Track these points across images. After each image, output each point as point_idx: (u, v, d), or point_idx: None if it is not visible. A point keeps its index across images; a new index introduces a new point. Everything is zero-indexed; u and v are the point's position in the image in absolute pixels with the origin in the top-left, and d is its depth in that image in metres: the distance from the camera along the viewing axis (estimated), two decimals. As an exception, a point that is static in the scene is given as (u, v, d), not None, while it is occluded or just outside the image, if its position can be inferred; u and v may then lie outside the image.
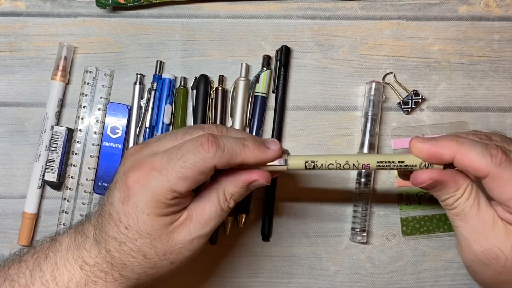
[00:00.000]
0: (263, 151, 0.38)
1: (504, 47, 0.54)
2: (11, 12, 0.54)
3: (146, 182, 0.36)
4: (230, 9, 0.54)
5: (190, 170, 0.35)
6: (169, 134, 0.39)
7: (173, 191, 0.36)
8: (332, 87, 0.54)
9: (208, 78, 0.53)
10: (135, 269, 0.38)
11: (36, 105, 0.53)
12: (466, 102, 0.54)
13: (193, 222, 0.38)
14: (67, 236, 0.40)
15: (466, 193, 0.37)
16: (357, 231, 0.51)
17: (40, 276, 0.38)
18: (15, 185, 0.53)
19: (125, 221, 0.36)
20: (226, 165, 0.37)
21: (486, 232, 0.36)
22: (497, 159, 0.35)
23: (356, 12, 0.54)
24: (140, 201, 0.36)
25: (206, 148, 0.35)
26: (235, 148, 0.37)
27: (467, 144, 0.36)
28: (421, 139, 0.37)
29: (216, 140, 0.36)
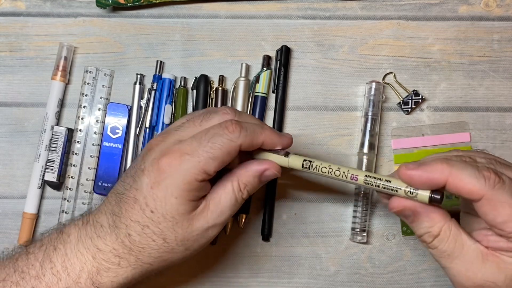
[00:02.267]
0: (279, 135, 0.41)
1: (504, 47, 0.54)
2: (11, 12, 0.54)
3: (179, 165, 0.38)
4: (230, 9, 0.54)
5: (219, 150, 0.38)
6: (186, 122, 0.41)
7: (203, 172, 0.38)
8: (332, 87, 0.54)
9: (208, 78, 0.53)
10: (152, 253, 0.39)
11: (36, 105, 0.53)
12: (466, 102, 0.54)
13: (210, 210, 0.39)
14: (74, 227, 0.41)
15: (443, 233, 0.36)
16: (357, 231, 0.51)
17: (50, 267, 0.39)
18: (15, 185, 0.53)
19: (152, 204, 0.38)
20: (250, 145, 0.39)
21: (476, 270, 0.35)
22: (490, 181, 0.34)
23: (356, 12, 0.54)
24: (171, 184, 0.38)
25: (231, 129, 0.38)
26: (256, 129, 0.40)
27: (459, 166, 0.35)
28: (410, 166, 0.36)
29: (239, 122, 0.39)
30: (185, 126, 0.41)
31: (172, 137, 0.40)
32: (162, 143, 0.40)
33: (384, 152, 0.53)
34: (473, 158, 0.37)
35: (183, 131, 0.40)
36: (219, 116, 0.41)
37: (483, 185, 0.34)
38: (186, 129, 0.40)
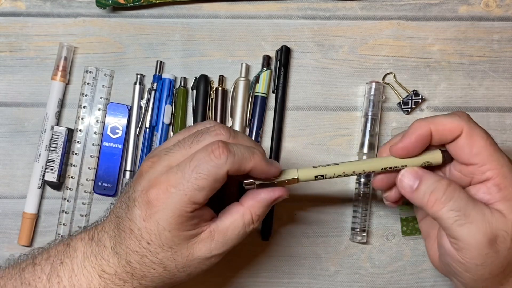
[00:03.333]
0: (268, 163, 0.39)
1: (504, 47, 0.54)
2: (11, 12, 0.54)
3: (166, 199, 0.36)
4: (230, 9, 0.54)
5: (205, 180, 0.36)
6: (177, 145, 0.39)
7: (192, 203, 0.36)
8: (332, 87, 0.54)
9: (208, 78, 0.53)
10: (155, 279, 0.39)
11: (36, 105, 0.53)
12: (466, 102, 0.54)
13: (215, 240, 0.39)
14: (81, 242, 0.40)
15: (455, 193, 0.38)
16: (357, 231, 0.51)
17: (57, 282, 0.39)
18: (15, 185, 0.53)
19: (147, 237, 0.37)
20: (238, 171, 0.37)
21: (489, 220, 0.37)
22: (464, 117, 0.39)
23: (356, 12, 0.54)
24: (161, 219, 0.37)
25: (218, 154, 0.36)
26: (246, 154, 0.38)
27: (434, 117, 0.39)
28: (395, 143, 0.40)
29: (227, 146, 0.37)
30: (175, 149, 0.39)
31: (161, 162, 0.38)
32: (151, 170, 0.38)
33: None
34: None
35: (172, 155, 0.38)
36: (211, 137, 0.38)
37: (460, 121, 0.39)
38: (176, 153, 0.38)
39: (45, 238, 0.52)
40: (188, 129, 0.42)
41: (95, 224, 0.41)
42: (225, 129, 0.39)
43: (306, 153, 0.53)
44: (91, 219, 0.53)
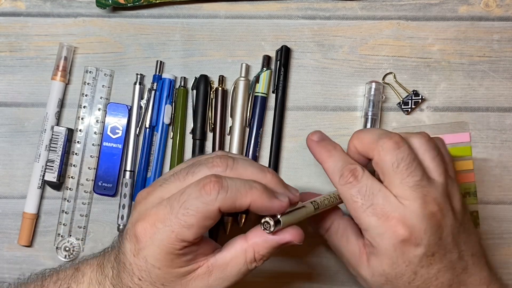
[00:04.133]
0: (271, 198, 0.36)
1: (504, 47, 0.54)
2: (11, 12, 0.54)
3: (152, 235, 0.35)
4: (230, 9, 0.54)
5: (193, 216, 0.34)
6: (173, 176, 0.37)
7: (180, 241, 0.34)
8: (332, 87, 0.54)
9: (208, 78, 0.53)
10: None
11: (36, 105, 0.53)
12: (466, 102, 0.54)
13: (213, 277, 0.36)
14: (89, 267, 0.40)
15: (332, 228, 0.44)
16: (357, 231, 0.51)
17: None
18: (15, 185, 0.53)
19: (138, 273, 0.36)
20: (231, 208, 0.35)
21: (354, 262, 0.42)
22: (343, 179, 0.40)
23: (356, 12, 0.54)
24: (149, 256, 0.35)
25: (208, 190, 0.34)
26: (241, 189, 0.35)
27: (332, 159, 0.42)
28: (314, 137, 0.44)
29: (219, 180, 0.34)
30: (170, 180, 0.37)
31: (155, 194, 0.37)
32: (144, 202, 0.37)
33: (384, 152, 0.53)
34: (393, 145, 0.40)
35: (166, 186, 0.37)
36: (207, 168, 0.36)
37: (337, 181, 0.41)
38: (170, 184, 0.37)
39: (45, 238, 0.52)
40: (192, 159, 0.40)
41: (106, 250, 0.41)
42: (223, 160, 0.37)
43: (306, 153, 0.53)
44: (91, 219, 0.53)
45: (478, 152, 0.53)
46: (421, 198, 0.38)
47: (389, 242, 0.38)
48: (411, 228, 0.38)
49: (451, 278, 0.40)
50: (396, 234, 0.38)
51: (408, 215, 0.38)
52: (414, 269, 0.39)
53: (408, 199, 0.38)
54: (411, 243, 0.38)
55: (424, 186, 0.39)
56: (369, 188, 0.39)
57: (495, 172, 0.53)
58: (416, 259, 0.39)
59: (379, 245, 0.39)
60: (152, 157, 0.52)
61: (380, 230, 0.39)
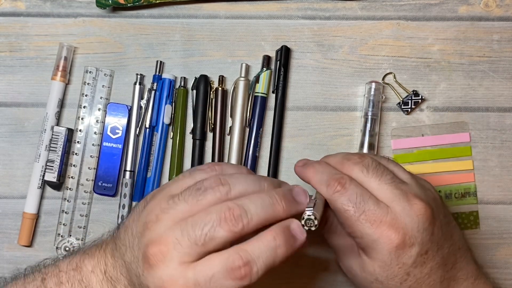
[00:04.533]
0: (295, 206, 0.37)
1: (504, 47, 0.54)
2: (11, 12, 0.54)
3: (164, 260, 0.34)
4: (230, 9, 0.54)
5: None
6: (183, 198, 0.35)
7: None
8: (332, 87, 0.54)
9: (208, 78, 0.53)
10: None
11: (36, 105, 0.53)
12: (466, 102, 0.54)
13: None
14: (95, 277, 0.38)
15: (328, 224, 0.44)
16: (357, 231, 0.51)
17: None
18: (15, 185, 0.53)
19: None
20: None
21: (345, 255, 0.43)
22: (331, 188, 0.39)
23: (356, 12, 0.54)
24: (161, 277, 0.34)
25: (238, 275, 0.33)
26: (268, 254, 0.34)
27: (318, 173, 0.41)
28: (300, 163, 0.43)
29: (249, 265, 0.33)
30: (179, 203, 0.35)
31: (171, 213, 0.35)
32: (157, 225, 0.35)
33: (384, 152, 0.53)
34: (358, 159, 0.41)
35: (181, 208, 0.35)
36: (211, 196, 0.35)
37: (325, 192, 0.40)
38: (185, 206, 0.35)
39: (45, 238, 0.52)
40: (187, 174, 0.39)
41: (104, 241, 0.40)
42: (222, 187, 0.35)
43: (306, 153, 0.53)
44: (91, 219, 0.53)
45: (478, 152, 0.53)
46: (404, 196, 0.39)
47: (384, 247, 0.38)
48: (404, 229, 0.38)
49: (442, 275, 0.40)
50: (391, 239, 0.38)
51: (398, 216, 0.38)
52: (407, 270, 0.39)
53: (393, 200, 0.38)
54: (405, 245, 0.38)
55: (399, 183, 0.40)
56: (359, 195, 0.39)
57: (495, 172, 0.53)
58: (411, 260, 0.38)
59: (374, 250, 0.39)
60: (152, 157, 0.52)
61: (374, 237, 0.38)
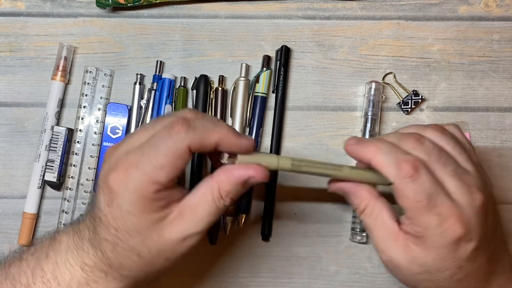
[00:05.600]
0: (238, 136, 0.37)
1: (504, 47, 0.54)
2: (11, 12, 0.54)
3: (126, 181, 0.35)
4: (230, 9, 0.54)
5: (164, 156, 0.35)
6: (141, 128, 0.38)
7: (154, 183, 0.35)
8: (332, 87, 0.54)
9: (208, 78, 0.53)
10: (132, 268, 0.37)
11: (36, 105, 0.53)
12: (466, 102, 0.54)
13: (185, 219, 0.36)
14: (65, 235, 0.40)
15: (368, 209, 0.40)
16: (357, 231, 0.51)
17: (41, 276, 0.38)
18: (15, 185, 0.53)
19: (113, 223, 0.36)
20: (201, 145, 0.36)
21: (388, 245, 0.39)
22: (402, 172, 0.37)
23: (356, 12, 0.54)
24: (124, 202, 0.35)
25: (177, 129, 0.35)
26: (208, 127, 0.36)
27: (382, 151, 0.38)
28: (351, 141, 0.40)
29: (187, 120, 0.36)
30: (139, 132, 0.38)
31: (123, 146, 0.37)
32: (114, 153, 0.37)
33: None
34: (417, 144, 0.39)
35: (134, 138, 0.37)
36: (174, 117, 0.37)
37: (394, 174, 0.37)
38: (137, 136, 0.37)
39: (45, 238, 0.52)
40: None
41: (80, 217, 0.41)
42: (189, 110, 0.38)
43: (306, 153, 0.53)
44: (91, 219, 0.53)
45: (478, 152, 0.53)
46: (467, 188, 0.37)
47: (445, 240, 0.37)
48: (467, 224, 0.36)
49: (487, 269, 0.39)
50: (456, 233, 0.36)
51: (463, 210, 0.37)
52: (460, 264, 0.37)
53: (457, 193, 0.37)
54: (465, 239, 0.37)
55: (462, 174, 0.38)
56: (432, 185, 0.37)
57: (495, 172, 0.53)
58: (466, 254, 0.37)
59: (433, 242, 0.37)
60: (152, 157, 0.52)
61: (440, 230, 0.37)
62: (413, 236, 0.38)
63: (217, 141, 0.36)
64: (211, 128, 0.36)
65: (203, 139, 0.36)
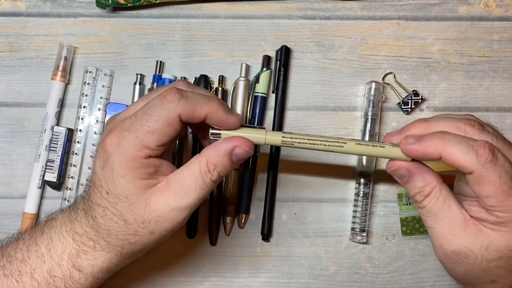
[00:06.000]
0: (227, 111, 0.38)
1: (504, 47, 0.54)
2: (11, 12, 0.54)
3: (118, 143, 0.37)
4: (230, 9, 0.54)
5: (156, 122, 0.36)
6: (139, 98, 0.41)
7: (144, 147, 0.36)
8: (332, 87, 0.54)
9: (208, 78, 0.53)
10: (118, 235, 0.39)
11: (36, 105, 0.53)
12: (466, 102, 0.54)
13: (172, 191, 0.38)
14: (61, 213, 0.42)
15: (434, 193, 0.38)
16: (357, 231, 0.51)
17: (36, 250, 0.40)
18: (15, 185, 0.53)
19: (105, 186, 0.38)
20: (190, 115, 0.37)
21: (456, 233, 0.37)
22: (482, 158, 0.35)
23: (356, 12, 0.54)
24: (115, 163, 0.37)
25: (170, 98, 0.36)
26: (200, 99, 0.37)
27: (452, 142, 0.36)
28: (410, 140, 0.38)
29: (180, 90, 0.37)
30: (137, 102, 0.40)
31: (121, 114, 0.40)
32: (112, 121, 0.40)
33: (384, 152, 0.53)
34: (482, 125, 0.38)
35: (132, 107, 0.40)
36: (168, 87, 0.39)
37: (474, 161, 0.35)
38: (135, 105, 0.40)
39: (45, 238, 0.52)
40: None
41: (77, 197, 0.43)
42: (184, 81, 0.40)
43: (305, 153, 0.53)
44: (91, 219, 0.53)
45: (478, 152, 0.53)
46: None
47: None
48: None
49: None
50: None
51: None
52: None
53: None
54: None
55: None
56: (510, 166, 0.36)
57: (495, 172, 0.53)
58: None
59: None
60: (152, 157, 0.52)
61: None
62: (492, 223, 0.36)
63: (207, 113, 0.38)
64: (202, 100, 0.38)
65: (193, 110, 0.37)
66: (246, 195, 0.52)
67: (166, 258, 0.52)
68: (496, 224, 0.36)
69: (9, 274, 0.39)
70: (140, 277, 0.52)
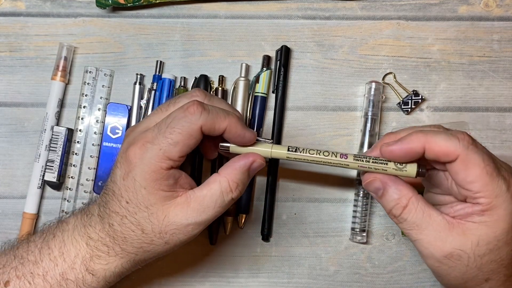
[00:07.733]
0: (244, 127, 0.40)
1: (504, 47, 0.54)
2: (11, 12, 0.54)
3: (142, 155, 0.38)
4: (230, 9, 0.54)
5: (179, 134, 0.37)
6: (157, 109, 0.42)
7: (167, 159, 0.38)
8: (332, 87, 0.54)
9: (208, 78, 0.53)
10: (134, 243, 0.40)
11: (36, 105, 0.53)
12: (466, 102, 0.54)
13: (191, 207, 0.39)
14: (73, 217, 0.42)
15: (411, 204, 0.38)
16: (357, 231, 0.51)
17: (48, 253, 0.40)
18: (15, 185, 0.53)
19: (126, 195, 0.39)
20: (211, 128, 0.39)
21: (444, 238, 0.37)
22: (464, 141, 0.36)
23: (356, 12, 0.54)
24: (137, 175, 0.38)
25: (192, 111, 0.38)
26: (220, 113, 0.39)
27: (433, 133, 0.37)
28: (390, 142, 0.39)
29: (202, 104, 0.39)
30: (155, 113, 0.41)
31: (141, 125, 0.41)
32: (132, 133, 0.40)
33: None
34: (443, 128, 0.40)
35: (151, 118, 0.41)
36: (187, 98, 0.40)
37: (457, 145, 0.36)
38: (154, 116, 0.41)
39: (45, 238, 0.52)
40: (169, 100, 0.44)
41: (88, 202, 0.44)
42: (201, 92, 0.41)
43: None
44: (91, 219, 0.53)
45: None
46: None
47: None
48: None
49: None
50: None
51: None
52: None
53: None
54: None
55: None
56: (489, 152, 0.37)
57: (495, 172, 0.53)
58: None
59: (504, 209, 0.36)
60: (152, 157, 0.52)
61: (509, 194, 0.36)
62: (477, 214, 0.37)
63: (226, 128, 0.39)
64: (222, 114, 0.39)
65: (214, 123, 0.39)
66: (246, 195, 0.52)
67: (166, 258, 0.52)
68: (482, 214, 0.36)
69: (21, 275, 0.40)
70: (140, 277, 0.52)
